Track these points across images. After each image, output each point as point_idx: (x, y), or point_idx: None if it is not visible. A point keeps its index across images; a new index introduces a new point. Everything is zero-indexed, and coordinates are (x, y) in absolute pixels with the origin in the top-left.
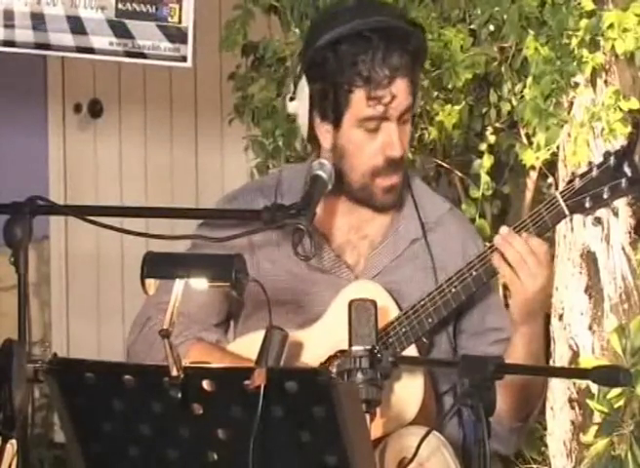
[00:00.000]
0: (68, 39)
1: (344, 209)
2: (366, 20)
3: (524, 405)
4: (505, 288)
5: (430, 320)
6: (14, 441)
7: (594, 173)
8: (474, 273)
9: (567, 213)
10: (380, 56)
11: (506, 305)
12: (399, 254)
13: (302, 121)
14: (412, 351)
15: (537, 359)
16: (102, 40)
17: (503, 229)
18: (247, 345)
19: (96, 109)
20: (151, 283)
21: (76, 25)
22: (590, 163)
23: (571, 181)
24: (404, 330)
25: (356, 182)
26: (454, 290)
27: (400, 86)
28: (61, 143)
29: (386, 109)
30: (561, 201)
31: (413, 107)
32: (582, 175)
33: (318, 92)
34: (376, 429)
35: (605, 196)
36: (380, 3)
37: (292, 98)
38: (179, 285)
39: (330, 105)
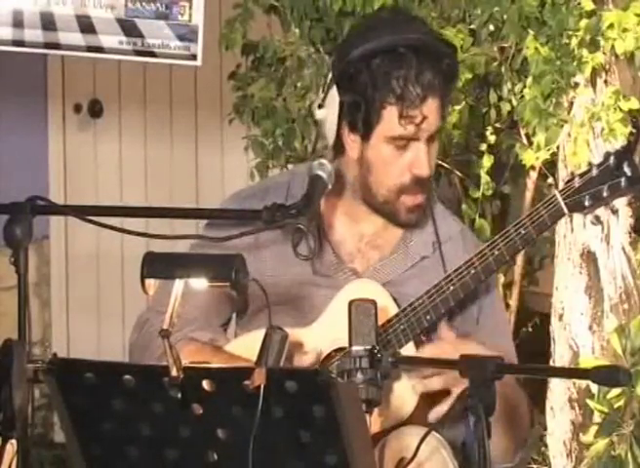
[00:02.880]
0: (78, 38)
1: (361, 216)
2: (400, 36)
3: (514, 437)
4: (506, 287)
5: (429, 317)
6: (14, 441)
7: (594, 172)
8: (472, 271)
9: (566, 211)
10: (413, 73)
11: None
12: (407, 269)
13: (330, 129)
14: (410, 348)
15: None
16: (112, 39)
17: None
18: (246, 344)
19: (96, 109)
20: (151, 283)
21: (86, 25)
22: (590, 163)
23: (570, 180)
24: (402, 327)
25: (381, 196)
26: (452, 287)
27: (432, 106)
28: (61, 143)
29: (417, 130)
30: (560, 199)
31: (441, 129)
32: (582, 175)
33: (349, 103)
34: (373, 425)
35: (604, 195)
36: (415, 19)
37: (320, 106)
38: (179, 285)
39: (360, 119)
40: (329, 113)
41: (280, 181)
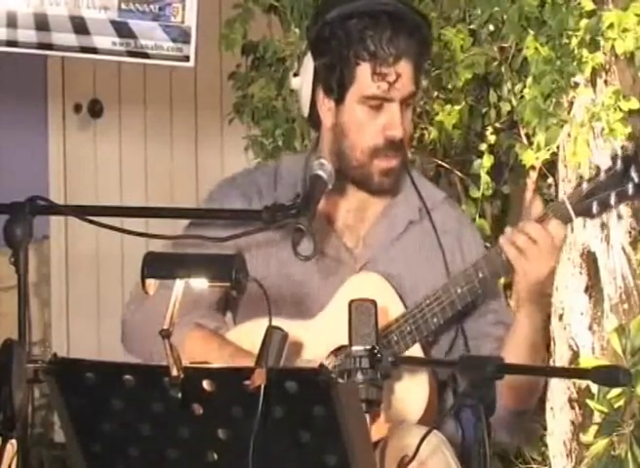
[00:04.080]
0: (71, 39)
1: (345, 192)
2: (377, 1)
3: (526, 386)
4: (506, 287)
5: (436, 320)
6: (14, 441)
7: (601, 177)
8: (481, 275)
9: (574, 217)
10: (387, 35)
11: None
12: (397, 236)
13: (305, 97)
14: (416, 350)
15: (540, 333)
16: (105, 40)
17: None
18: (246, 334)
19: (96, 109)
20: (151, 283)
21: (79, 25)
22: (597, 167)
23: (578, 185)
24: (409, 328)
25: (355, 161)
26: (459, 290)
27: (405, 68)
28: (61, 143)
29: (390, 88)
30: (568, 205)
31: (415, 96)
32: (590, 180)
33: (324, 66)
34: (381, 430)
35: (611, 202)
36: None
37: (295, 74)
38: (179, 285)
39: (335, 79)
40: (304, 80)
41: (267, 166)
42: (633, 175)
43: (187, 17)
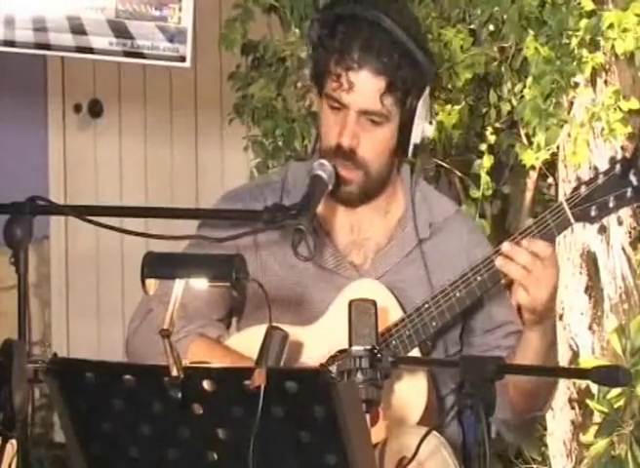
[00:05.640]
0: (68, 39)
1: (341, 208)
2: (362, 8)
3: (540, 394)
4: (508, 286)
5: (435, 323)
6: (14, 441)
7: (600, 180)
8: (479, 278)
9: (573, 221)
10: (360, 40)
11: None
12: (406, 254)
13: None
14: (415, 354)
15: (551, 351)
16: (102, 40)
17: (504, 246)
18: (245, 340)
19: (96, 109)
20: (151, 283)
21: (76, 26)
22: (596, 169)
23: (577, 188)
24: (408, 333)
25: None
26: (458, 294)
27: (366, 80)
28: (61, 143)
29: (344, 96)
30: (567, 209)
31: (381, 116)
32: (588, 183)
33: (313, 62)
34: (380, 432)
35: (610, 205)
36: (396, 4)
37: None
38: (178, 285)
39: (314, 75)
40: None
41: (274, 180)
42: (632, 178)
43: (184, 17)
